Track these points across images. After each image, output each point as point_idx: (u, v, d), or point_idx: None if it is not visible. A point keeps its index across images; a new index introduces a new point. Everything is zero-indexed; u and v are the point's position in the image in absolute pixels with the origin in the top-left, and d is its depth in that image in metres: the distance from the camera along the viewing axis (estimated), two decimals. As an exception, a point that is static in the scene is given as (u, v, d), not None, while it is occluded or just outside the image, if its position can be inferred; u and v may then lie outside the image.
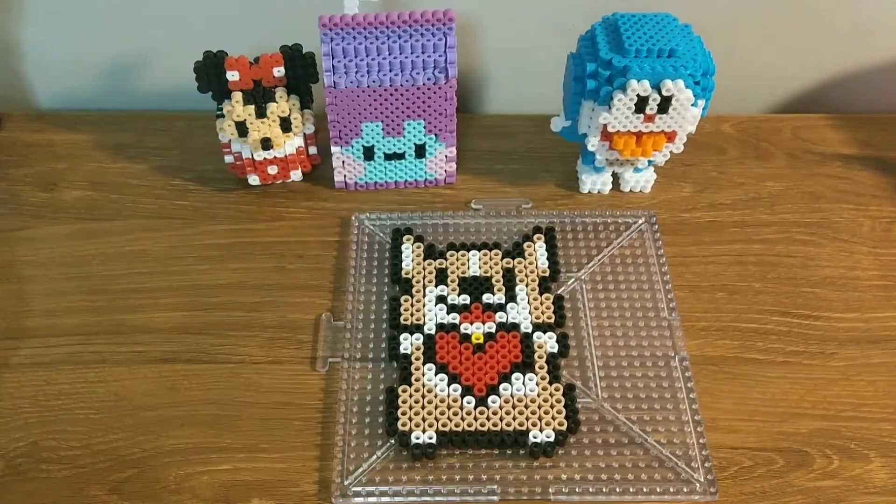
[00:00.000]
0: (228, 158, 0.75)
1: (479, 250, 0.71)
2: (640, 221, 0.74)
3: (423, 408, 0.61)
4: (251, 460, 0.59)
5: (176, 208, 0.76)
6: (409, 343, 0.64)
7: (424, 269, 0.70)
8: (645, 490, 0.57)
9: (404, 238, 0.72)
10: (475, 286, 0.68)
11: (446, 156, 0.76)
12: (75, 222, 0.74)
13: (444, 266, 0.70)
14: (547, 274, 0.69)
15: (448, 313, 0.66)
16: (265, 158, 0.72)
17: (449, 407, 0.61)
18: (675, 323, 0.67)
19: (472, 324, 0.65)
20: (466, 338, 0.65)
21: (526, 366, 0.63)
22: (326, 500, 0.57)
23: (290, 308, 0.68)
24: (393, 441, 0.60)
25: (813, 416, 0.62)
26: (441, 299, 0.67)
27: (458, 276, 0.69)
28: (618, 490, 0.57)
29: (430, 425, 0.60)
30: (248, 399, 0.62)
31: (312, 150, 0.76)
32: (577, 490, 0.57)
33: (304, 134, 0.73)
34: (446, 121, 0.73)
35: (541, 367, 0.63)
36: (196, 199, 0.77)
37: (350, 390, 0.63)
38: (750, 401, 0.62)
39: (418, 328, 0.65)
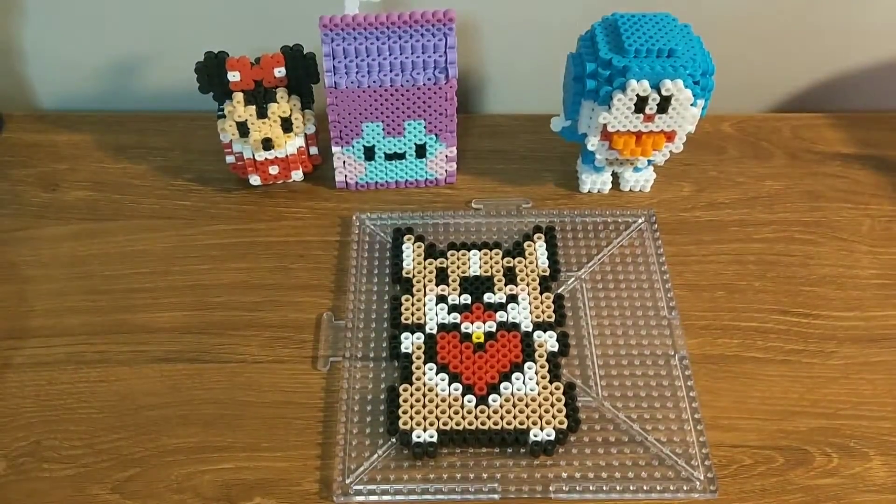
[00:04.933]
0: (230, 158, 0.75)
1: (480, 250, 0.71)
2: (640, 221, 0.74)
3: (423, 406, 0.61)
4: (253, 459, 0.59)
5: (177, 208, 0.76)
6: (410, 342, 0.65)
7: (425, 268, 0.70)
8: (645, 488, 0.58)
9: (405, 238, 0.72)
10: (476, 286, 0.68)
11: (447, 156, 0.76)
12: (77, 222, 0.75)
13: (444, 265, 0.70)
14: (547, 273, 0.69)
15: (449, 313, 0.66)
16: (266, 159, 0.73)
17: (450, 406, 0.61)
18: (674, 322, 0.67)
19: (472, 323, 0.66)
20: (467, 337, 0.65)
21: (526, 365, 0.63)
22: (328, 499, 0.57)
23: (292, 307, 0.68)
24: (394, 440, 0.60)
25: (813, 414, 0.62)
26: (442, 299, 0.68)
27: (458, 276, 0.69)
28: (618, 488, 0.58)
29: (431, 424, 0.60)
30: (249, 398, 0.63)
31: (313, 150, 0.76)
32: (577, 488, 0.57)
33: (305, 134, 0.74)
34: (447, 121, 0.73)
35: (541, 366, 0.63)
36: (197, 199, 0.77)
37: (351, 389, 0.63)
38: (750, 399, 0.63)
39: (419, 327, 0.66)
